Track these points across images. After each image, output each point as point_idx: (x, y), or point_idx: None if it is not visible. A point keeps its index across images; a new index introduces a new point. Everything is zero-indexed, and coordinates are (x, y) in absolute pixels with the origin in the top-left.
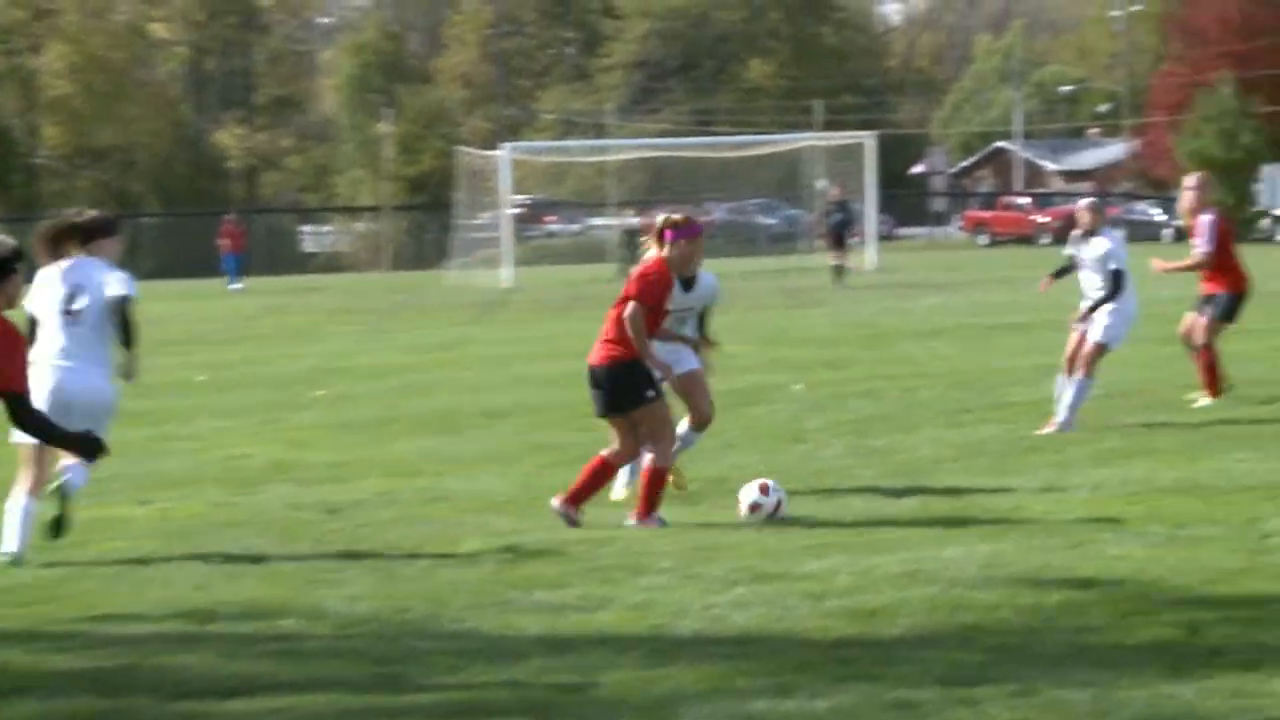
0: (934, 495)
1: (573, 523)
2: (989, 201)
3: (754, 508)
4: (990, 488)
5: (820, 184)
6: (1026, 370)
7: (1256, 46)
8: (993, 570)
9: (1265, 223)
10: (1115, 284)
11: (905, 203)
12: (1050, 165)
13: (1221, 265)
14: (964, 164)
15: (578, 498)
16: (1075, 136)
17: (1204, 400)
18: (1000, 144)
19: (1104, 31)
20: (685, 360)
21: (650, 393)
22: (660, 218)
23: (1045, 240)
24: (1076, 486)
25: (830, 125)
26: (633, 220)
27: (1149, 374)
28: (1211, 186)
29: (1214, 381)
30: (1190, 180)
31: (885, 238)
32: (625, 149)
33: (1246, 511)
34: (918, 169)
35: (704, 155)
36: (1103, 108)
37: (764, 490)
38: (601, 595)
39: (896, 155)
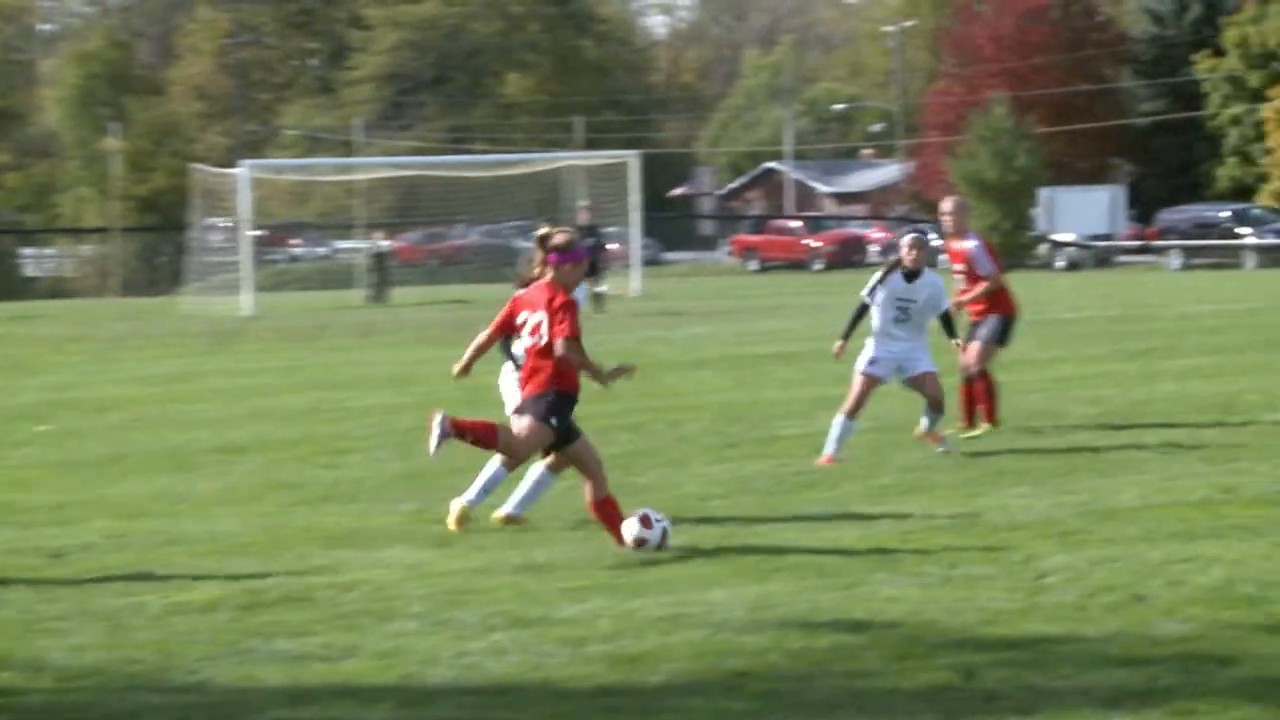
0: (700, 534)
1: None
2: (759, 225)
3: (639, 543)
4: (759, 526)
5: (582, 204)
6: (798, 402)
7: (1031, 65)
8: (761, 613)
9: (1043, 248)
10: (951, 323)
11: (671, 226)
12: (822, 187)
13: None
14: (732, 185)
15: (617, 532)
16: (848, 157)
17: (983, 427)
18: (770, 164)
19: (877, 48)
20: None
21: (553, 420)
22: (540, 232)
23: (818, 266)
24: (849, 524)
25: (592, 143)
26: (383, 244)
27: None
28: (969, 210)
29: (993, 408)
30: (947, 205)
31: (650, 263)
32: (374, 168)
33: (1023, 550)
34: (683, 190)
35: (458, 174)
36: (876, 127)
37: (645, 523)
38: (347, 643)
39: (662, 176)
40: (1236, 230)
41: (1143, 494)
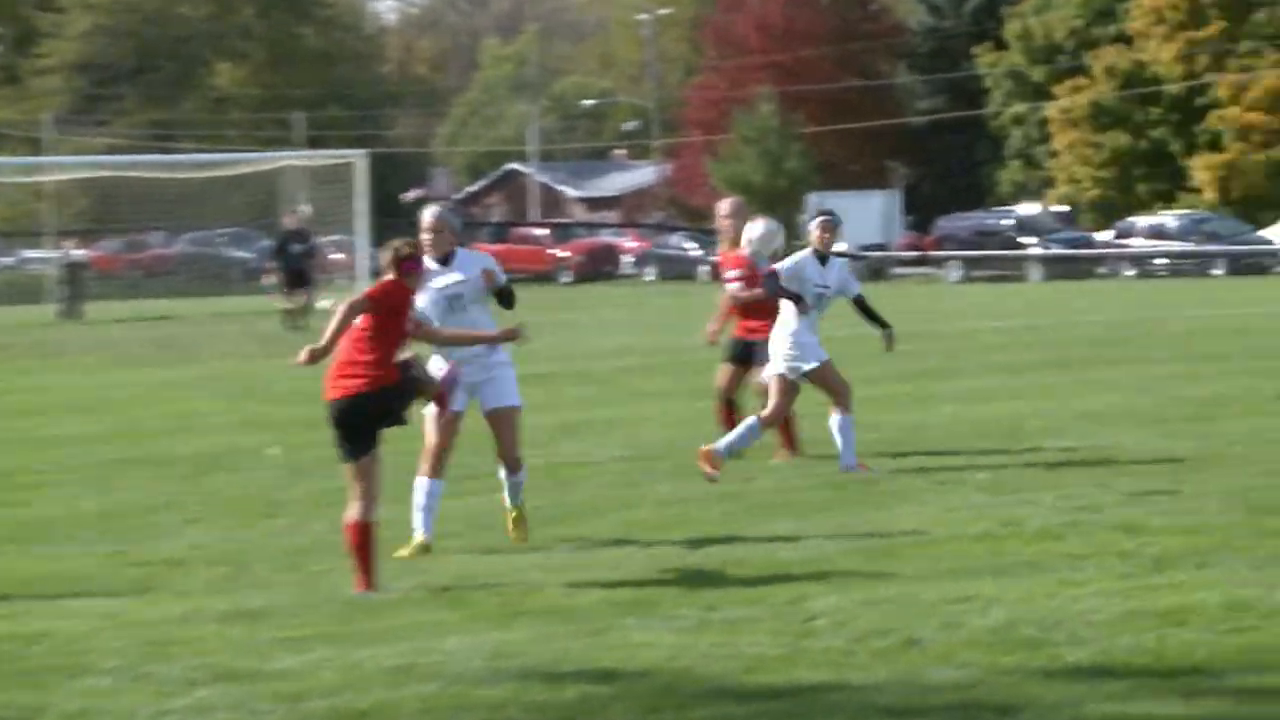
0: (435, 576)
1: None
2: (500, 232)
3: None
4: (500, 566)
5: (304, 210)
6: (541, 429)
7: (800, 57)
8: (500, 662)
9: None
10: (871, 310)
11: (403, 233)
12: (570, 191)
13: (769, 305)
14: (471, 188)
15: (364, 567)
16: (599, 158)
17: (781, 458)
18: (512, 166)
19: (630, 38)
20: (500, 394)
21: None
22: (392, 249)
23: (566, 278)
24: (599, 564)
25: (315, 142)
26: (76, 253)
27: (682, 433)
28: (747, 212)
29: (791, 437)
30: (725, 208)
31: (379, 274)
32: (66, 168)
33: (789, 590)
34: (416, 193)
35: (163, 176)
36: (630, 125)
37: None
38: (30, 704)
39: (393, 177)
40: (1019, 240)
41: (919, 528)
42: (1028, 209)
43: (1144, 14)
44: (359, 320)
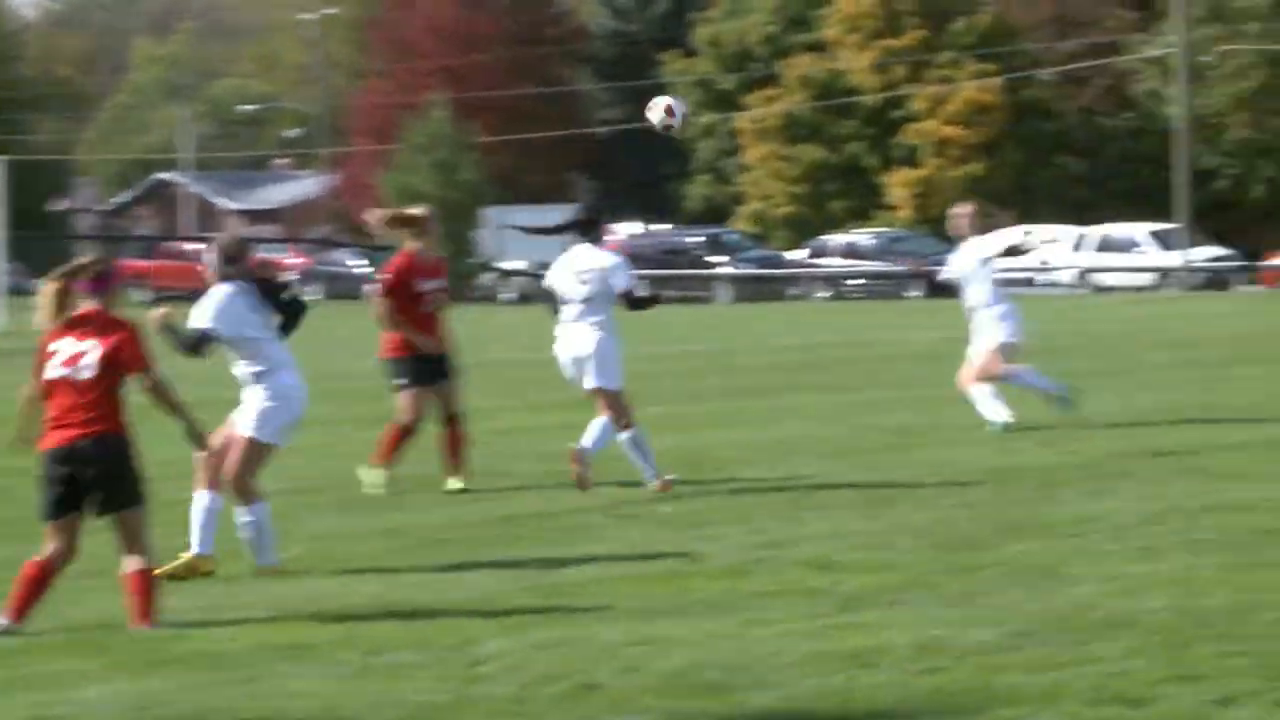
0: (69, 619)
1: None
2: (151, 248)
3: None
4: None
5: None
6: (184, 461)
7: (475, 62)
8: (143, 714)
9: (488, 277)
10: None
11: (44, 248)
12: (227, 203)
13: (432, 320)
14: (119, 199)
15: (21, 602)
16: (258, 168)
17: (455, 483)
18: (162, 175)
19: (294, 39)
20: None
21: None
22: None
23: None
24: (250, 606)
25: None
26: None
27: (343, 464)
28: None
29: (459, 460)
30: (423, 210)
31: (16, 292)
32: None
33: (456, 633)
34: (62, 205)
35: None
36: (292, 132)
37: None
38: None
39: (34, 186)
40: (708, 259)
41: (597, 565)
42: (629, 227)
43: (839, 21)
44: (90, 364)
